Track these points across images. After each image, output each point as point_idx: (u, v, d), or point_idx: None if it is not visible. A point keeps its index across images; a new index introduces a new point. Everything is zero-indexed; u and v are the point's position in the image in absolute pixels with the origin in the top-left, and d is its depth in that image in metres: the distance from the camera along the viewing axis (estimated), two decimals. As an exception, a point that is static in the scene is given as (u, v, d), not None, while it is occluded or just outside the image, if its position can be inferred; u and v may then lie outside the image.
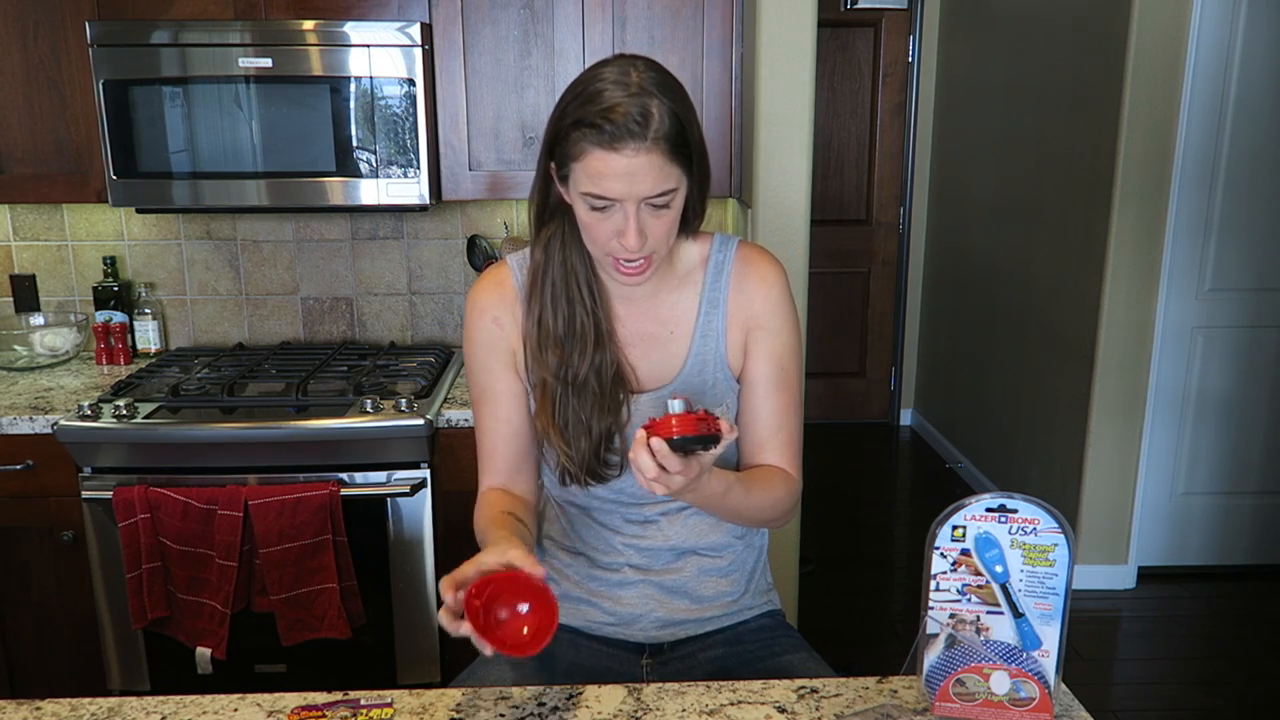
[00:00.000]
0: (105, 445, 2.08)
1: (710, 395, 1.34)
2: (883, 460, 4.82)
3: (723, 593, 1.41)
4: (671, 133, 1.16)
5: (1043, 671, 1.09)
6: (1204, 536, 3.43)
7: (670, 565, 1.38)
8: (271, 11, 2.23)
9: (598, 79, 1.18)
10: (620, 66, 1.19)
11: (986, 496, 1.09)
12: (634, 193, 1.17)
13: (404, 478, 2.13)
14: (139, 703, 1.16)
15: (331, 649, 2.16)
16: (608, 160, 1.16)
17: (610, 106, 1.15)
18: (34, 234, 2.62)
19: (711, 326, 1.34)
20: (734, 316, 1.35)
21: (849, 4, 4.70)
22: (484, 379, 1.37)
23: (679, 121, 1.18)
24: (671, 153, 1.17)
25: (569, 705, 1.15)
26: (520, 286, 1.35)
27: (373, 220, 2.65)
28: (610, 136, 1.14)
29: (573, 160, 1.19)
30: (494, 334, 1.35)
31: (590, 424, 1.29)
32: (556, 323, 1.30)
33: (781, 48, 2.29)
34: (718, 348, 1.35)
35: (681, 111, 1.19)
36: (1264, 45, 3.05)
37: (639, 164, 1.16)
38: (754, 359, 1.35)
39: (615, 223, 1.20)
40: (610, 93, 1.16)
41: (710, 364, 1.34)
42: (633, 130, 1.14)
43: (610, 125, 1.14)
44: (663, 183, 1.18)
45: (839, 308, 5.03)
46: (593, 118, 1.15)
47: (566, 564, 1.41)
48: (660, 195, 1.19)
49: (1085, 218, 3.25)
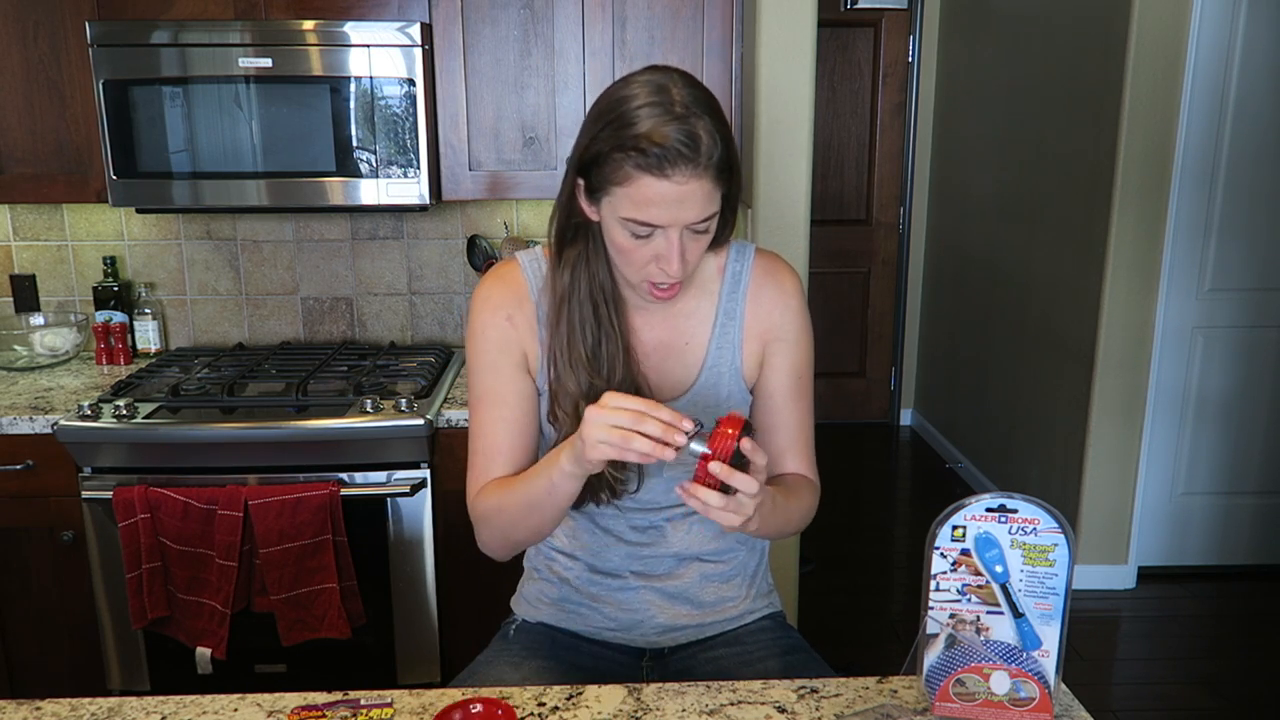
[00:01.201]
0: (105, 445, 2.08)
1: (724, 408, 1.31)
2: (883, 460, 4.82)
3: (725, 598, 1.40)
4: (720, 157, 1.13)
5: (1043, 671, 1.09)
6: (1204, 536, 3.43)
7: (673, 571, 1.37)
8: (271, 11, 2.23)
9: (634, 98, 1.13)
10: (655, 81, 1.14)
11: (986, 496, 1.09)
12: (680, 219, 1.14)
13: (404, 478, 2.13)
14: (139, 703, 1.16)
15: (331, 649, 2.16)
16: (656, 187, 1.11)
17: (654, 129, 1.10)
18: (34, 234, 2.62)
19: (728, 338, 1.32)
20: (751, 329, 1.32)
21: (849, 4, 4.70)
22: (491, 379, 1.31)
23: (725, 143, 1.14)
24: (718, 177, 1.14)
25: (569, 705, 1.15)
26: (533, 287, 1.31)
27: (373, 220, 2.65)
28: (659, 161, 1.09)
29: (614, 184, 1.14)
30: (507, 332, 1.30)
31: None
32: (585, 344, 1.26)
33: (781, 48, 2.29)
34: (734, 360, 1.32)
35: (724, 131, 1.14)
36: (1264, 45, 3.05)
37: (689, 190, 1.12)
38: (773, 370, 1.34)
39: (656, 248, 1.17)
40: (652, 113, 1.11)
41: (725, 376, 1.32)
42: (684, 155, 1.10)
43: (659, 149, 1.09)
44: (709, 208, 1.15)
45: (839, 308, 5.04)
46: (637, 141, 1.10)
47: (568, 568, 1.40)
48: (704, 220, 1.16)
49: (1085, 218, 3.25)
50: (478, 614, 2.02)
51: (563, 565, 1.41)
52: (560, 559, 1.41)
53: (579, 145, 1.18)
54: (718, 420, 1.07)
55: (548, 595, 1.43)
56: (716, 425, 1.06)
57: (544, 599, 1.43)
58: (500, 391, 1.31)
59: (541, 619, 1.43)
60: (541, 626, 1.43)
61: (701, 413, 1.29)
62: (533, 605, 1.45)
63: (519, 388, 1.31)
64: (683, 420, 1.06)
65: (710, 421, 1.09)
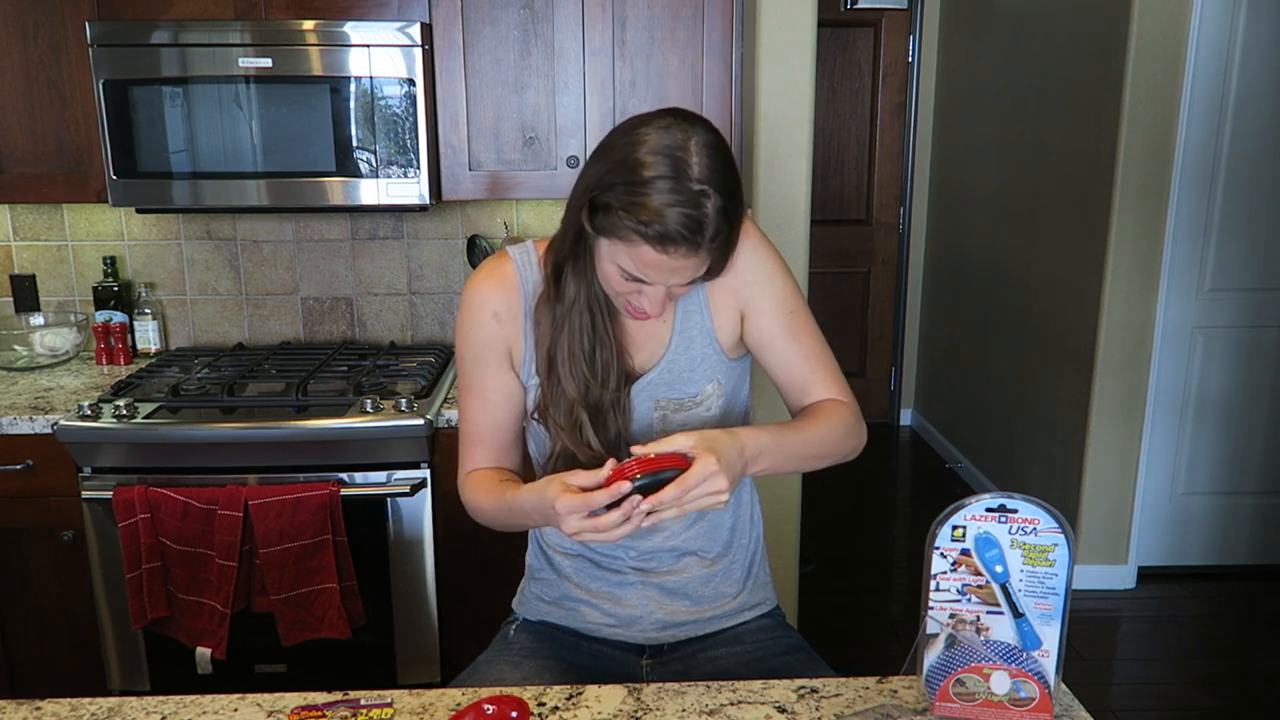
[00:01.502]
0: (105, 445, 2.08)
1: (698, 374, 1.32)
2: (883, 460, 4.82)
3: (722, 593, 1.41)
4: (721, 235, 1.15)
5: (1043, 671, 1.09)
6: (1204, 536, 3.43)
7: (672, 567, 1.38)
8: (271, 11, 2.23)
9: (647, 165, 1.12)
10: (673, 144, 1.12)
11: (986, 496, 1.09)
12: (670, 281, 1.18)
13: (404, 478, 2.13)
14: (139, 703, 1.16)
15: (331, 649, 2.16)
16: (653, 256, 1.14)
17: (662, 208, 1.10)
18: (34, 234, 2.62)
19: (693, 302, 1.32)
20: (715, 286, 1.31)
21: (849, 4, 4.70)
22: (475, 372, 1.35)
23: (729, 220, 1.15)
24: (716, 251, 1.16)
25: (569, 705, 1.15)
26: (523, 283, 1.32)
27: (373, 220, 2.65)
28: (660, 238, 1.12)
29: (614, 237, 1.16)
30: (493, 330, 1.33)
31: (606, 434, 1.29)
32: (583, 351, 1.28)
33: (781, 48, 2.29)
34: (702, 321, 1.32)
35: (733, 207, 1.15)
36: (1264, 45, 3.05)
37: (685, 265, 1.15)
38: (759, 315, 1.33)
39: (642, 289, 1.20)
40: (662, 188, 1.11)
41: (696, 340, 1.32)
42: (685, 238, 1.12)
43: (661, 228, 1.11)
44: (699, 273, 1.19)
45: (839, 308, 5.03)
46: (643, 214, 1.11)
47: (566, 564, 1.41)
48: (691, 282, 1.20)
49: (1085, 218, 3.25)
50: (478, 614, 2.02)
51: (562, 561, 1.41)
52: (558, 556, 1.42)
53: (586, 185, 1.18)
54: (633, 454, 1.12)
55: (548, 594, 1.43)
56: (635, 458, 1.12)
57: (544, 598, 1.44)
58: (483, 386, 1.35)
59: (542, 618, 1.44)
60: (542, 625, 1.44)
61: (676, 381, 1.32)
62: (533, 604, 1.46)
63: (501, 384, 1.35)
64: (620, 484, 1.10)
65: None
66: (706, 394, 1.34)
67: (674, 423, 1.33)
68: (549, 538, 1.43)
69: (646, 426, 1.33)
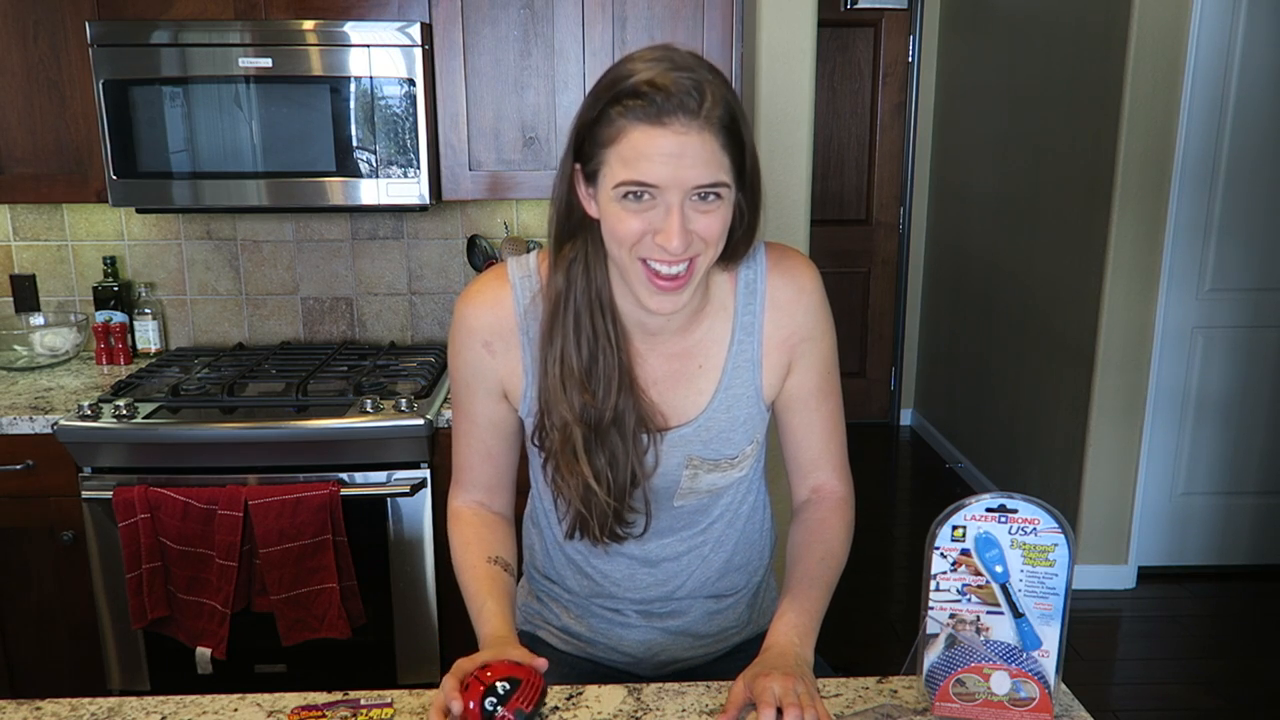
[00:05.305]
0: (105, 445, 2.08)
1: (739, 433, 1.23)
2: (883, 460, 4.82)
3: (727, 628, 1.38)
4: (726, 118, 1.02)
5: (1043, 671, 1.09)
6: (1204, 536, 3.43)
7: (676, 610, 1.34)
8: (271, 11, 2.23)
9: (635, 59, 1.04)
10: (659, 49, 1.04)
11: (986, 496, 1.09)
12: (680, 179, 1.01)
13: (404, 478, 2.13)
14: (139, 703, 1.16)
15: (331, 649, 2.16)
16: (652, 138, 1.00)
17: (655, 76, 1.00)
18: (34, 234, 2.62)
19: (745, 356, 1.21)
20: (771, 339, 1.21)
21: (849, 4, 4.70)
22: (464, 396, 1.26)
23: (733, 110, 1.03)
24: (725, 141, 1.02)
25: (569, 705, 1.15)
26: (519, 309, 1.20)
27: (373, 220, 2.65)
28: (658, 109, 0.99)
29: (606, 147, 1.02)
30: (483, 360, 1.21)
31: (611, 472, 1.17)
32: (581, 357, 1.14)
33: (781, 48, 2.29)
34: (753, 379, 1.22)
35: (735, 102, 1.04)
36: (1264, 45, 3.05)
37: (689, 143, 1.00)
38: (801, 372, 1.24)
39: (653, 219, 1.03)
40: (653, 66, 1.01)
41: (741, 399, 1.21)
42: (685, 104, 0.99)
43: (659, 94, 0.99)
44: (713, 172, 1.02)
45: (839, 308, 4.99)
46: (635, 87, 1.00)
47: (568, 604, 1.36)
48: (710, 186, 1.02)
49: (1085, 218, 3.25)
50: (478, 614, 2.02)
51: (564, 602, 1.37)
52: (562, 595, 1.37)
53: (574, 121, 1.08)
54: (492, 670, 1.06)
55: (550, 622, 1.39)
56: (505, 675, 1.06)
57: (547, 623, 1.40)
58: (471, 409, 1.26)
59: (542, 639, 1.40)
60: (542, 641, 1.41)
61: (714, 440, 1.22)
62: (534, 626, 1.41)
63: (489, 414, 1.25)
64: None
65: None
66: (745, 455, 1.25)
67: (703, 482, 1.24)
68: (548, 578, 1.38)
69: (673, 483, 1.24)
